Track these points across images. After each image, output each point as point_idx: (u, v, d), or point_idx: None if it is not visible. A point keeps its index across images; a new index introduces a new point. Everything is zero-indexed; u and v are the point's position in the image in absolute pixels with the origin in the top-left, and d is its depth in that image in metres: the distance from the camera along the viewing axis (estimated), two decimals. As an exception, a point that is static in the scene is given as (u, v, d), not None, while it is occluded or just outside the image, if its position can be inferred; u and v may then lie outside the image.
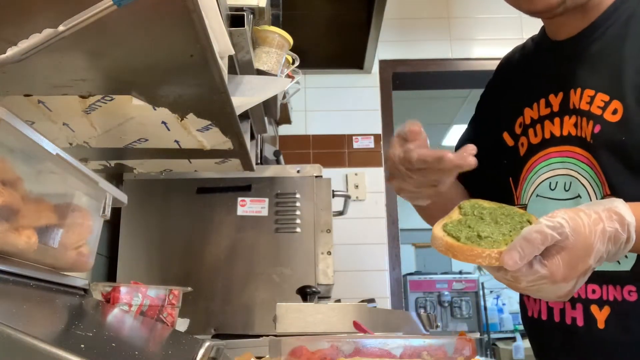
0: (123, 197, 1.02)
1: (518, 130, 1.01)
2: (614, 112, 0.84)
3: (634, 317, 0.84)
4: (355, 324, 1.25)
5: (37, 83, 0.95)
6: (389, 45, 3.26)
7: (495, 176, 1.05)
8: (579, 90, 0.89)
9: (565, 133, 0.92)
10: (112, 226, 1.81)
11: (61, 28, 0.63)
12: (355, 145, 3.19)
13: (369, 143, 3.19)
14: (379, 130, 3.21)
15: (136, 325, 0.92)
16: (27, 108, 1.06)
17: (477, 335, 4.99)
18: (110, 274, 1.80)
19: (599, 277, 0.86)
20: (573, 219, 0.65)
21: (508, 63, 1.11)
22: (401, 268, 3.10)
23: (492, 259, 0.65)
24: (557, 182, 0.92)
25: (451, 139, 6.06)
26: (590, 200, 0.88)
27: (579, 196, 0.89)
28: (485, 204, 0.76)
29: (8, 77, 0.91)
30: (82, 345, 0.51)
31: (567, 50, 0.94)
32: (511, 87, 1.06)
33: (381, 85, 3.28)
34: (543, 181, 0.94)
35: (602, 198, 0.86)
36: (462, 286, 5.71)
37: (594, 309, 0.88)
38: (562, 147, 0.92)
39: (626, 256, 0.84)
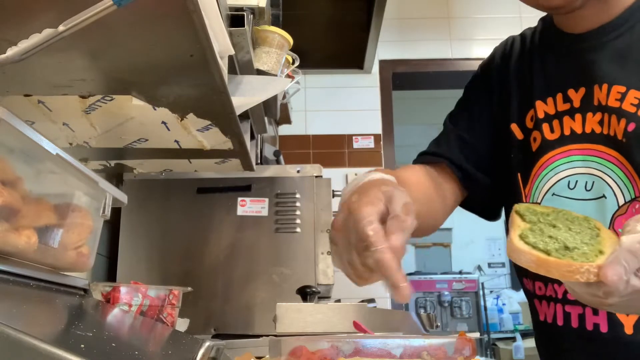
0: (123, 197, 1.02)
1: (529, 124, 0.96)
2: None
3: None
4: (355, 324, 1.25)
5: (37, 83, 0.95)
6: (389, 45, 3.26)
7: (500, 169, 1.01)
8: (605, 86, 0.85)
9: (588, 130, 0.87)
10: (112, 226, 1.81)
11: (61, 28, 0.63)
12: (355, 145, 3.19)
13: (369, 143, 3.19)
14: (379, 130, 3.21)
15: (136, 325, 0.92)
16: (27, 108, 1.06)
17: (477, 335, 4.99)
18: (110, 274, 1.80)
19: None
20: None
21: (506, 52, 1.06)
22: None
23: (591, 274, 0.58)
24: (577, 181, 0.88)
25: (451, 139, 6.05)
26: (617, 200, 0.84)
27: (603, 196, 0.86)
28: (538, 208, 0.70)
29: (8, 77, 0.91)
30: (82, 345, 0.51)
31: (587, 43, 0.89)
32: (516, 78, 1.01)
33: (381, 85, 3.28)
34: (561, 179, 0.90)
35: (634, 199, 0.83)
36: (462, 286, 5.71)
37: (620, 314, 0.84)
38: (584, 144, 0.88)
39: None
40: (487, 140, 1.03)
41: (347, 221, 0.65)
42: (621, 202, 0.83)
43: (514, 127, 0.98)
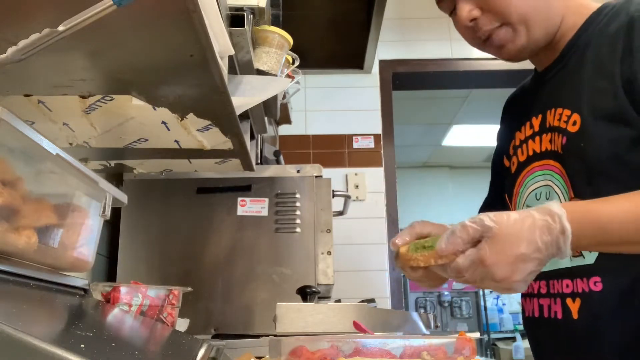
0: (123, 197, 1.02)
1: (511, 152, 1.14)
2: (574, 123, 0.96)
3: (601, 305, 0.93)
4: (355, 324, 1.25)
5: (37, 83, 0.95)
6: (389, 45, 3.25)
7: (502, 197, 1.18)
8: (553, 110, 1.02)
9: (543, 149, 1.04)
10: (112, 226, 1.81)
11: (61, 28, 0.63)
12: (355, 145, 3.18)
13: (369, 143, 3.19)
14: (379, 130, 3.21)
15: (136, 325, 0.92)
16: (27, 108, 1.06)
17: (477, 335, 5.00)
18: (110, 274, 1.80)
19: (570, 273, 0.98)
20: (497, 215, 0.78)
21: (511, 99, 1.28)
22: (401, 268, 3.09)
23: (419, 261, 0.84)
24: (540, 193, 1.04)
25: (451, 139, 6.06)
26: None
27: None
28: None
29: (8, 77, 0.91)
30: (82, 345, 0.51)
31: (543, 78, 1.09)
32: (510, 118, 1.23)
33: (381, 85, 3.27)
34: (530, 193, 1.07)
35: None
36: (462, 286, 5.71)
37: (568, 301, 0.98)
38: (542, 161, 1.04)
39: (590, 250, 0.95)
40: (495, 184, 1.26)
41: None
42: None
43: (504, 158, 1.18)
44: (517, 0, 0.98)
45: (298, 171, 1.86)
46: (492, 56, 1.11)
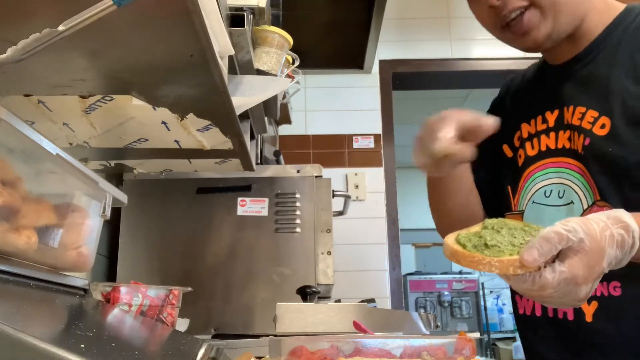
0: (123, 197, 1.03)
1: (517, 143, 1.10)
2: (602, 126, 0.94)
3: (618, 310, 0.92)
4: (355, 324, 1.25)
5: (37, 83, 0.96)
6: (389, 45, 3.26)
7: (494, 184, 1.15)
8: (571, 107, 0.99)
9: (560, 146, 1.01)
10: (112, 226, 1.81)
11: (61, 28, 0.63)
12: (355, 145, 3.19)
13: (369, 143, 3.19)
14: (379, 130, 3.21)
15: (136, 325, 0.92)
16: (27, 108, 1.06)
17: (477, 335, 5.00)
18: (110, 274, 1.80)
19: None
20: (585, 224, 0.70)
21: (510, 85, 1.22)
22: (401, 268, 3.10)
23: (492, 266, 0.68)
24: (551, 190, 1.01)
25: (451, 139, 6.05)
26: (582, 205, 0.97)
27: (572, 202, 0.98)
28: (511, 222, 0.78)
29: (8, 77, 0.91)
30: (82, 345, 0.51)
31: (562, 73, 1.04)
32: (512, 106, 1.17)
33: (381, 85, 3.28)
34: (539, 189, 1.04)
35: (593, 203, 0.95)
36: (462, 286, 5.72)
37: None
38: (556, 158, 1.01)
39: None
40: (485, 161, 1.17)
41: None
42: (585, 206, 0.97)
43: (505, 147, 1.14)
44: None
45: (298, 171, 1.86)
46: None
